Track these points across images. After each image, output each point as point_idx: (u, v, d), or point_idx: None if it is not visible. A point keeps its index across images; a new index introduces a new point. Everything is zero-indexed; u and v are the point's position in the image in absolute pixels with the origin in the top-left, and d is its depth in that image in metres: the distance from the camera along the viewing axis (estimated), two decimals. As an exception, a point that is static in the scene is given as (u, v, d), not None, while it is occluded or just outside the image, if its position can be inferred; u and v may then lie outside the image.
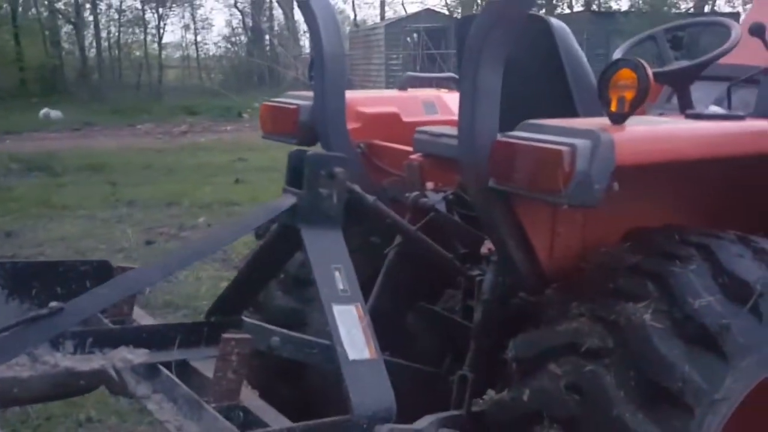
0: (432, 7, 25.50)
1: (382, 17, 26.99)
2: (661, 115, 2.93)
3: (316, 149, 2.50)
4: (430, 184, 2.31)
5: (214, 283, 5.08)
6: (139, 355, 2.09)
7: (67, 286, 2.28)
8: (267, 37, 22.93)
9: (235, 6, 25.45)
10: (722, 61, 2.86)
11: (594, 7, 24.37)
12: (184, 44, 25.34)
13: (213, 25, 39.36)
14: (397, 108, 2.67)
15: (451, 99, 2.80)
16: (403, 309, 2.52)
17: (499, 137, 1.75)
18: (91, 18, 22.73)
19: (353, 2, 30.13)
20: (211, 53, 25.33)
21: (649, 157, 1.72)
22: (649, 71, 1.69)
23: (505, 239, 1.91)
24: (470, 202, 2.07)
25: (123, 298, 2.33)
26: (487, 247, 2.22)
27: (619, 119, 1.71)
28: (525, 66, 2.23)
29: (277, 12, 24.75)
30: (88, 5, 22.49)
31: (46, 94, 18.53)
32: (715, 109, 2.13)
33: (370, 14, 30.39)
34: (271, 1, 24.27)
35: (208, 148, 12.15)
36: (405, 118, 2.64)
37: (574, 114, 2.15)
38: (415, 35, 22.44)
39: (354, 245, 2.48)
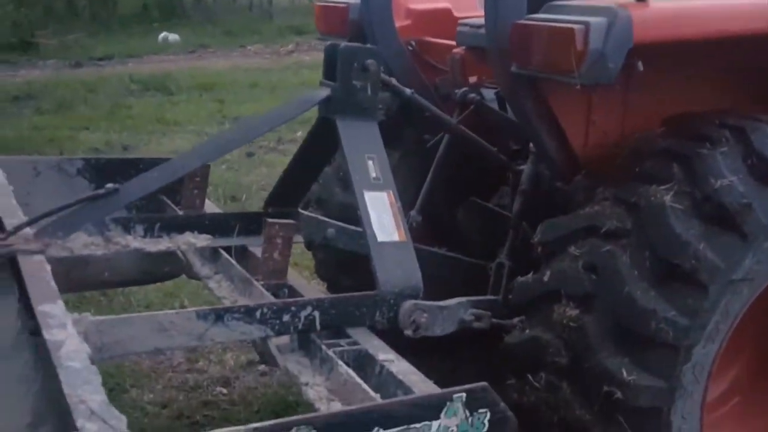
0: None
1: None
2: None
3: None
4: (473, 79, 2.33)
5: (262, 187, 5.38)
6: (202, 240, 2.31)
7: None
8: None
9: None
10: None
11: None
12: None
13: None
14: (449, 3, 2.66)
15: None
16: (453, 204, 2.60)
17: (520, 20, 1.75)
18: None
19: None
20: (320, -28, 25.36)
21: (674, 35, 1.67)
22: None
23: (537, 128, 1.93)
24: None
25: (194, 192, 2.55)
26: None
27: None
28: None
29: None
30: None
31: (165, 19, 19.25)
32: None
33: None
34: None
35: (312, 66, 12.34)
36: (457, 14, 2.62)
37: None
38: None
39: (409, 145, 2.56)
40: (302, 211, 2.51)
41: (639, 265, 1.64)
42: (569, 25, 1.61)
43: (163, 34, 16.43)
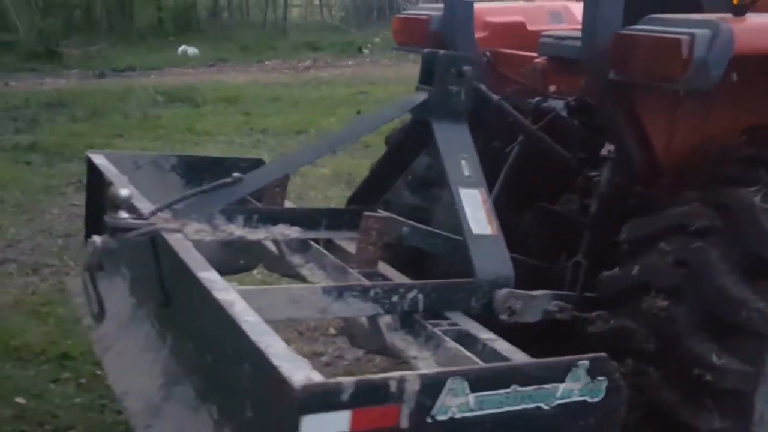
0: None
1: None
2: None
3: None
4: (552, 87, 2.49)
5: (340, 202, 5.50)
6: (294, 232, 2.48)
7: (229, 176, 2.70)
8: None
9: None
10: None
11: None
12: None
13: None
14: (522, 17, 2.82)
15: (578, 8, 2.86)
16: (522, 208, 2.76)
17: (622, 31, 1.92)
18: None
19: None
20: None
21: None
22: None
23: (624, 133, 2.10)
24: (591, 101, 2.24)
25: (276, 190, 2.73)
26: (606, 149, 2.40)
27: (740, 12, 1.84)
28: None
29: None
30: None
31: (180, 33, 19.54)
32: None
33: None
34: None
35: (331, 82, 12.59)
36: (530, 27, 2.78)
37: (700, 11, 2.26)
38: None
39: (478, 148, 2.72)
40: (381, 210, 2.67)
41: (729, 259, 1.79)
42: (676, 36, 1.77)
43: (182, 48, 16.70)
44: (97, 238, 1.78)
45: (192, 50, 16.27)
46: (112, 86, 11.43)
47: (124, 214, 1.82)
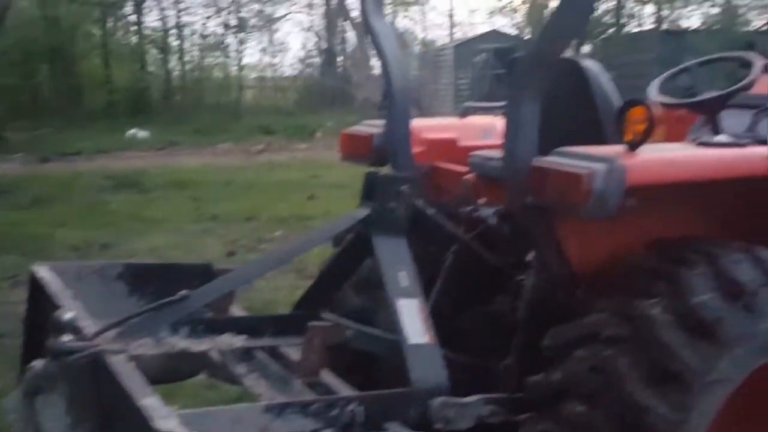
0: (499, 29, 25.79)
1: (451, 38, 27.44)
2: (695, 139, 3.23)
3: (387, 169, 2.91)
4: (482, 200, 2.68)
5: (291, 292, 5.56)
6: (239, 341, 2.54)
7: (177, 284, 2.76)
8: (340, 58, 23.73)
9: (310, 29, 26.48)
10: (754, 90, 3.14)
11: (665, 25, 24.11)
12: (261, 66, 26.45)
13: (289, 48, 41.04)
14: (456, 134, 3.05)
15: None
16: (461, 310, 2.89)
17: (535, 162, 2.12)
18: (176, 43, 24.06)
19: (423, 23, 30.62)
20: (286, 74, 26.36)
21: (657, 179, 2.06)
22: (655, 109, 2.03)
23: (544, 247, 2.27)
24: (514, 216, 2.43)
25: (223, 297, 2.79)
26: (532, 254, 2.57)
27: (632, 147, 2.05)
28: (563, 100, 2.59)
29: (350, 35, 25.61)
30: (174, 31, 23.84)
31: (132, 115, 19.65)
32: (721, 138, 2.43)
33: (439, 35, 30.85)
34: (344, 25, 25.10)
35: (284, 165, 12.77)
36: (463, 143, 3.01)
37: (603, 142, 2.49)
38: (483, 55, 22.80)
39: (415, 254, 2.87)
40: (325, 315, 2.76)
41: (637, 367, 1.95)
42: (578, 170, 1.98)
43: (132, 131, 16.78)
44: (37, 363, 1.81)
45: (142, 133, 16.36)
46: (57, 172, 11.38)
47: (66, 337, 1.86)
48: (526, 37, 25.12)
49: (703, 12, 24.45)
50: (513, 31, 26.07)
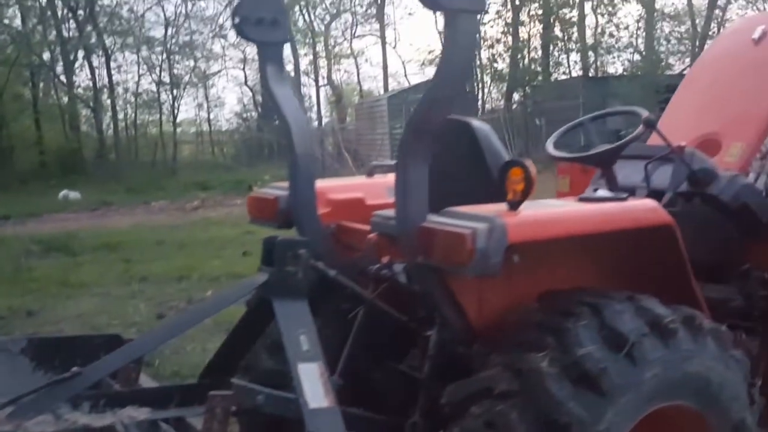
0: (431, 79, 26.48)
1: (386, 89, 28.00)
2: (595, 190, 3.37)
3: (294, 232, 2.95)
4: (385, 259, 2.73)
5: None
6: (143, 413, 2.49)
7: (84, 356, 2.71)
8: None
9: (246, 84, 26.70)
10: (650, 141, 3.31)
11: (591, 71, 25.17)
12: (197, 122, 26.47)
13: (225, 103, 41.33)
14: (363, 193, 3.11)
15: None
16: (372, 366, 2.92)
17: (424, 222, 2.19)
18: (108, 101, 23.87)
19: (358, 75, 31.17)
20: (223, 129, 26.44)
21: (537, 236, 2.14)
22: (533, 169, 2.13)
23: (441, 304, 2.33)
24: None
25: (130, 366, 2.75)
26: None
27: (514, 206, 2.14)
28: (457, 160, 2.70)
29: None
30: (106, 89, 23.67)
31: (64, 176, 19.30)
32: (603, 192, 2.57)
33: (374, 86, 31.48)
34: (278, 79, 25.33)
35: (219, 222, 12.68)
36: (369, 202, 3.07)
37: (496, 200, 2.59)
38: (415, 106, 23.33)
39: (329, 316, 2.90)
40: (234, 380, 2.74)
41: (527, 421, 2.01)
42: (461, 230, 2.05)
43: (63, 192, 16.46)
44: None
45: (74, 194, 16.06)
46: (-17, 237, 11.05)
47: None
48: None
49: (626, 59, 25.68)
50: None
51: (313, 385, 2.23)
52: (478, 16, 2.08)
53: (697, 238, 3.06)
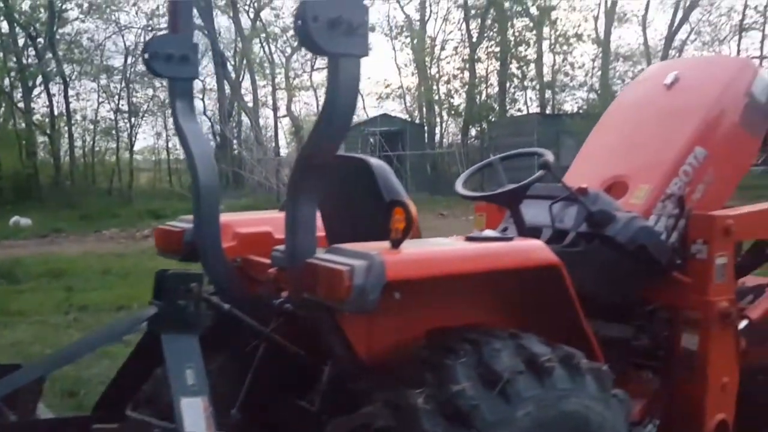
0: (389, 112, 26.79)
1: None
2: (505, 230, 3.44)
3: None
4: (284, 293, 2.76)
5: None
6: (31, 446, 2.48)
7: None
8: (233, 142, 23.95)
9: (204, 114, 26.69)
10: (569, 181, 3.39)
11: (548, 109, 25.72)
12: (156, 150, 26.31)
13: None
14: (270, 227, 3.14)
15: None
16: (271, 402, 2.92)
17: (309, 258, 2.21)
18: (65, 128, 23.65)
19: (318, 107, 31.35)
20: (182, 158, 26.27)
21: (418, 273, 2.18)
22: (413, 209, 2.18)
23: (330, 338, 2.36)
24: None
25: (28, 397, 2.72)
26: None
27: (395, 244, 2.18)
28: (356, 197, 2.75)
29: (245, 119, 25.94)
30: (64, 117, 23.47)
31: (19, 202, 18.97)
32: (489, 232, 2.61)
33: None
34: (238, 110, 25.42)
35: (169, 251, 12.52)
36: (277, 236, 3.09)
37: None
38: (372, 139, 23.57)
39: (230, 350, 2.90)
40: (129, 413, 2.74)
41: None
42: (340, 267, 2.09)
43: (14, 219, 16.16)
44: None
45: (24, 221, 15.79)
46: (-74, 266, 10.76)
47: None
48: (416, 120, 26.21)
49: (581, 97, 26.31)
50: (401, 115, 27.18)
51: (196, 420, 2.24)
52: (360, 60, 2.13)
53: (601, 277, 3.14)
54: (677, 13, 26.57)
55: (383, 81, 29.70)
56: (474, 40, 25.32)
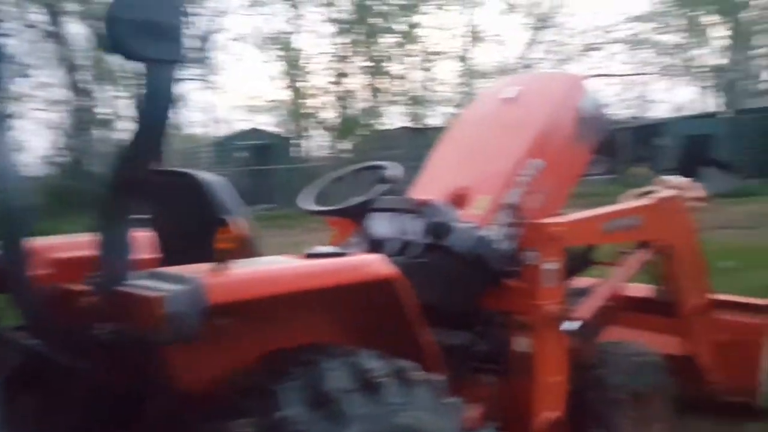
0: (259, 126, 26.39)
1: (213, 135, 27.47)
2: (354, 244, 3.40)
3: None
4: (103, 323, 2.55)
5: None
6: None
7: None
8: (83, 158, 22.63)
9: (55, 128, 25.04)
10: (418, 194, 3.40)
11: (417, 123, 26.30)
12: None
13: (29, 148, 38.07)
14: (88, 251, 2.88)
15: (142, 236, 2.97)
16: None
17: (117, 286, 2.02)
18: None
19: (184, 119, 30.40)
20: (30, 175, 24.45)
21: (246, 295, 2.02)
22: (241, 227, 2.06)
23: (152, 370, 2.18)
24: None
25: None
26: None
27: (220, 265, 2.01)
28: (185, 215, 2.59)
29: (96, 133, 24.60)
30: None
31: None
32: (326, 248, 2.51)
33: (202, 131, 30.68)
34: (90, 124, 24.02)
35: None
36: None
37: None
38: (243, 153, 23.13)
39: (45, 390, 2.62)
40: None
41: None
42: (152, 294, 1.90)
43: None
44: None
45: None
46: None
47: None
48: (288, 135, 25.97)
49: (446, 111, 27.14)
50: (271, 129, 26.86)
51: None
52: (176, 67, 1.99)
53: (443, 287, 3.19)
54: (531, 33, 28.12)
55: (255, 93, 29.20)
56: (344, 54, 25.48)
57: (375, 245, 3.23)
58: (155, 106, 1.99)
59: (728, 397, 4.17)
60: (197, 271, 2.00)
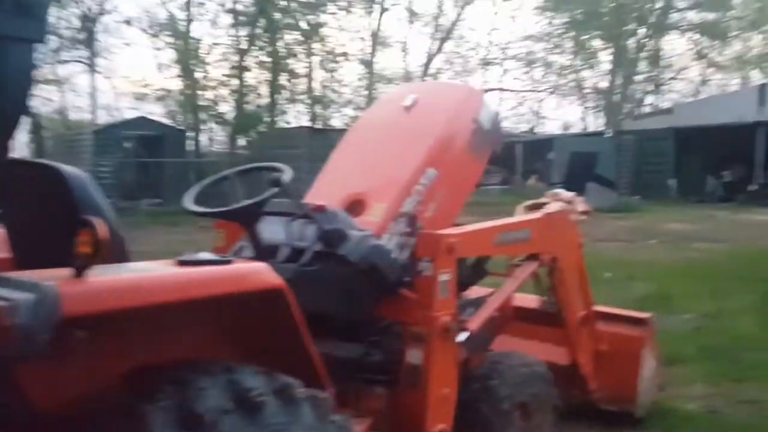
0: (147, 115, 25.17)
1: (95, 122, 26.11)
2: (242, 249, 3.24)
3: None
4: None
5: None
6: None
7: None
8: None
9: None
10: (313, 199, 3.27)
11: (318, 123, 26.14)
12: None
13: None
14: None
15: None
16: None
17: None
18: None
19: (63, 104, 28.83)
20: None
21: (106, 306, 1.81)
22: (102, 231, 1.85)
23: (1, 387, 1.94)
24: None
25: None
26: None
27: (78, 272, 1.79)
28: (45, 214, 2.35)
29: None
30: None
31: None
32: (205, 255, 2.25)
33: (84, 118, 28.96)
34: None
35: None
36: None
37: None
38: (127, 143, 22.01)
39: None
40: None
41: None
42: None
43: None
44: None
45: None
46: None
47: None
48: (180, 127, 25.04)
49: (347, 114, 27.19)
50: (160, 119, 25.74)
51: None
52: (34, 47, 1.79)
53: (335, 296, 3.10)
54: (434, 43, 28.66)
55: (142, 80, 27.84)
56: (243, 47, 24.84)
57: (264, 251, 3.10)
58: (10, 88, 1.78)
59: (609, 405, 4.33)
60: (52, 277, 1.77)
